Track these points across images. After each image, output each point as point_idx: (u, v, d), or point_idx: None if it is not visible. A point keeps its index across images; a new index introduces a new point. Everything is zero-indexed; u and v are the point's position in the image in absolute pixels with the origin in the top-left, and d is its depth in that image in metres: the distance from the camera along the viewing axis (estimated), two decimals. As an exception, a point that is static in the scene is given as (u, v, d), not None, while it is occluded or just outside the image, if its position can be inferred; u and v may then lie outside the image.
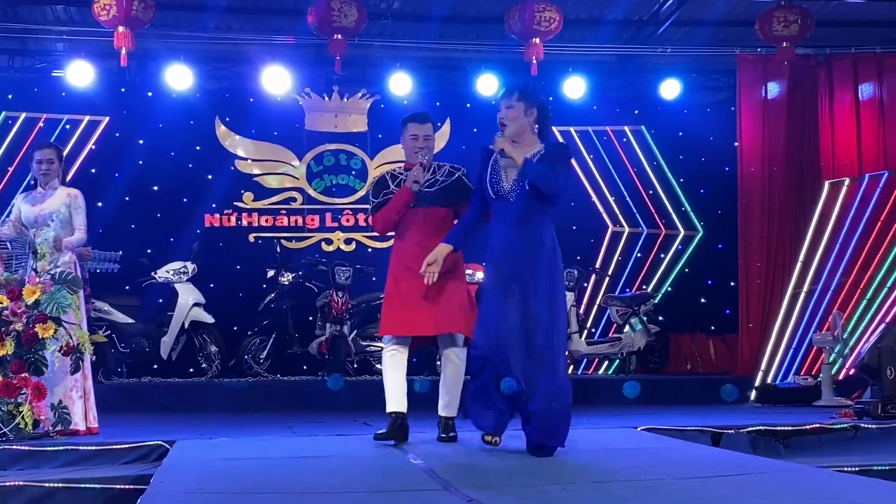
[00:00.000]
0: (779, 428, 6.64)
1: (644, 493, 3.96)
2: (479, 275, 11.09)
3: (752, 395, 10.06)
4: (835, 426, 6.79)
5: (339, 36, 10.00)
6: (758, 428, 6.61)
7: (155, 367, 10.79)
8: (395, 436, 5.79)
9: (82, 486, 5.55)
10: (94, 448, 6.07)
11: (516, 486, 4.22)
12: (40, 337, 6.45)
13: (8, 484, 5.44)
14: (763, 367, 10.31)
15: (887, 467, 5.99)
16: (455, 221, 5.98)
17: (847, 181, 10.47)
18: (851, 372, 9.52)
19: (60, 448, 6.08)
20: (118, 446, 6.08)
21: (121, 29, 9.54)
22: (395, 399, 5.90)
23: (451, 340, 5.93)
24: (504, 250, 5.31)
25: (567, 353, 11.05)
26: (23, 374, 6.42)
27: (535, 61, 10.35)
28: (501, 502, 3.82)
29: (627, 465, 4.84)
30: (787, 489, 4.10)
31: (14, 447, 6.06)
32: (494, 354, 5.18)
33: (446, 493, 4.07)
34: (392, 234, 6.13)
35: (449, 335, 5.91)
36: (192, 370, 10.85)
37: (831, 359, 9.51)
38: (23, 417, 6.38)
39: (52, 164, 7.18)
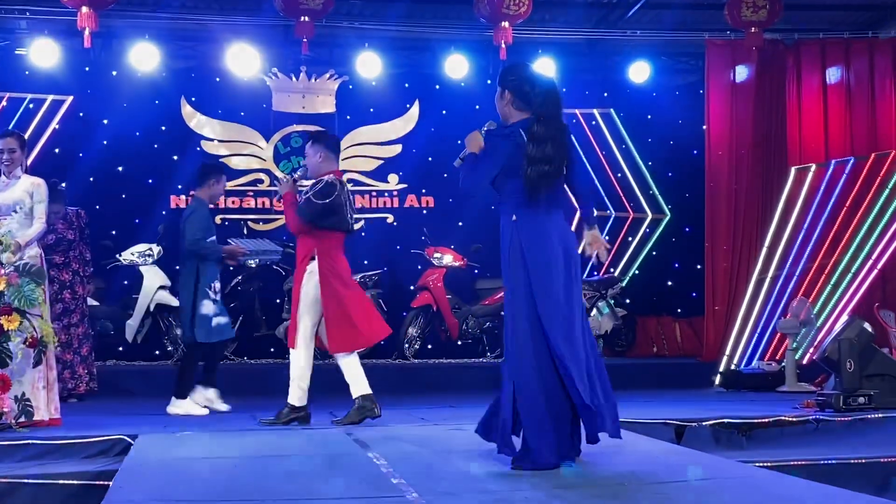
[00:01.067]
0: (741, 421, 6.69)
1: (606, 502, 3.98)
2: (448, 258, 11.15)
3: (717, 379, 10.13)
4: (797, 419, 6.84)
5: (306, 18, 9.91)
6: (721, 421, 6.65)
7: (120, 349, 10.73)
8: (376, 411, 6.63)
9: (43, 481, 5.52)
10: (56, 442, 6.02)
11: (475, 494, 4.23)
12: (5, 329, 6.39)
13: (-33, 480, 5.40)
14: (728, 351, 10.38)
15: (851, 460, 6.08)
16: None
17: (813, 167, 10.52)
18: (815, 358, 9.61)
19: (22, 442, 6.02)
20: (80, 440, 6.03)
21: (84, 10, 9.40)
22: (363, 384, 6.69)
23: None
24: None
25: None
26: (-14, 366, 6.36)
27: (503, 45, 10.30)
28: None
29: (588, 468, 4.83)
30: (746, 498, 4.14)
31: (-26, 441, 6.01)
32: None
33: (406, 500, 4.07)
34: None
35: None
36: (157, 353, 10.79)
37: (794, 345, 9.60)
38: (-16, 410, 6.33)
39: (14, 153, 7.06)
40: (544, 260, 4.91)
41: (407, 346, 10.87)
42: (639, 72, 11.94)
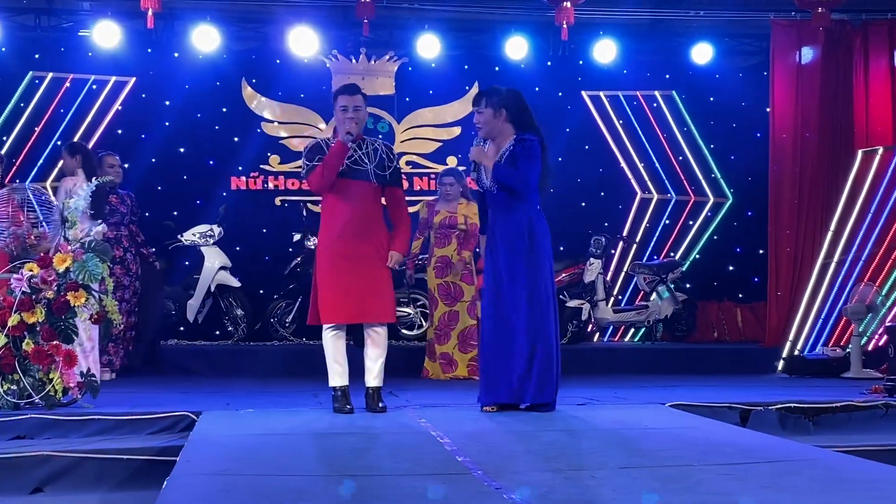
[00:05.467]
0: (808, 405, 6.57)
1: (672, 484, 3.92)
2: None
3: (780, 365, 9.98)
4: (865, 404, 6.71)
5: (367, -1, 9.89)
6: (787, 405, 6.54)
7: (181, 329, 10.84)
8: (348, 407, 6.19)
9: (108, 456, 5.57)
10: (121, 418, 6.06)
11: (544, 472, 4.20)
12: (71, 305, 6.46)
13: (34, 453, 5.46)
14: (791, 337, 10.23)
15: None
16: (383, 202, 6.38)
17: (880, 150, 10.31)
18: (881, 343, 9.44)
19: (88, 417, 6.08)
20: (145, 416, 6.08)
21: (147, -10, 9.46)
22: (340, 374, 6.28)
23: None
24: (493, 232, 6.27)
25: (593, 320, 11.07)
26: (54, 342, 6.43)
27: (565, 25, 10.22)
28: (530, 491, 3.79)
29: (655, 448, 4.81)
30: (817, 481, 4.06)
31: (42, 416, 6.08)
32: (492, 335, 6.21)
33: (473, 478, 4.05)
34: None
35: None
36: (217, 333, 10.89)
37: (860, 330, 9.43)
38: (53, 385, 6.40)
39: None
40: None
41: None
42: (701, 53, 11.78)
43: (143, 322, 9.27)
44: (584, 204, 11.82)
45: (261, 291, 11.25)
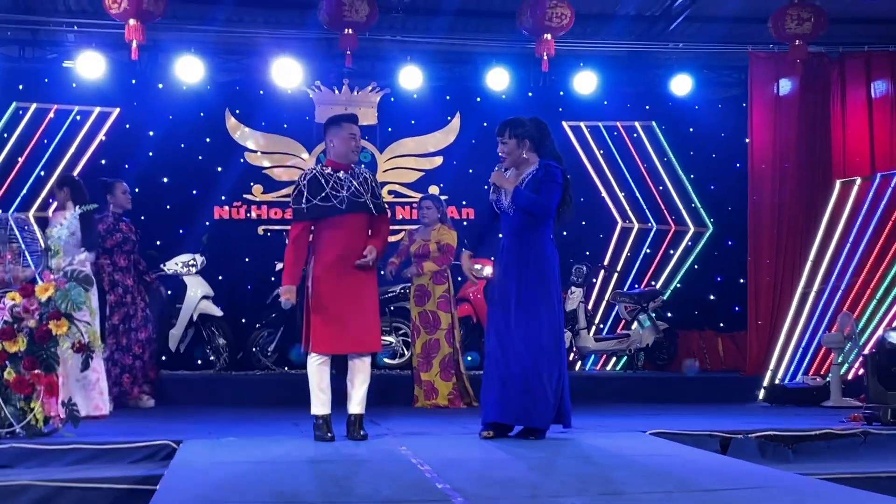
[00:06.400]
0: (788, 433, 6.62)
1: (652, 509, 3.95)
2: (488, 269, 11.13)
3: (761, 394, 10.04)
4: (844, 432, 6.77)
5: (350, 31, 9.97)
6: (767, 433, 6.59)
7: (163, 358, 10.81)
8: (329, 435, 6.20)
9: (89, 485, 5.56)
10: (101, 447, 6.05)
11: (524, 499, 4.22)
12: (53, 334, 6.46)
13: (14, 483, 5.44)
14: (772, 366, 10.28)
15: (897, 474, 5.99)
16: (369, 230, 6.37)
17: (858, 180, 10.42)
18: (860, 372, 9.50)
19: (68, 447, 6.06)
20: (126, 445, 6.08)
21: (132, 22, 9.50)
22: (324, 403, 6.29)
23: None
24: (506, 255, 6.34)
25: (574, 349, 11.10)
26: (35, 371, 6.42)
27: (546, 57, 10.30)
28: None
29: (637, 475, 4.83)
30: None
31: (22, 445, 6.06)
32: (497, 356, 6.23)
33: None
34: None
35: None
36: (199, 362, 10.87)
37: (840, 359, 9.49)
38: (34, 414, 6.39)
39: None
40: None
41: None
42: (681, 84, 11.92)
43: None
44: (565, 233, 11.83)
45: (243, 320, 11.26)
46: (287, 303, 6.37)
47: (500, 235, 6.50)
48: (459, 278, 11.28)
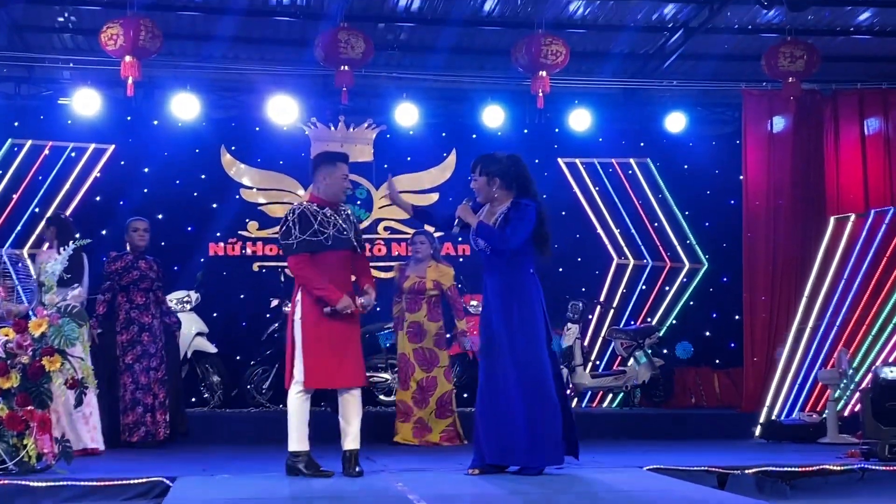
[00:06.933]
0: (785, 469, 6.59)
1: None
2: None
3: (758, 430, 10.00)
4: (842, 468, 6.73)
5: (346, 67, 10.00)
6: (764, 469, 6.55)
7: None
8: (322, 470, 6.23)
9: (83, 523, 5.53)
10: (95, 484, 6.00)
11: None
12: (46, 370, 6.43)
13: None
14: (768, 402, 10.24)
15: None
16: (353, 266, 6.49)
17: (852, 217, 10.45)
18: (856, 409, 9.47)
19: (61, 483, 6.02)
20: (119, 482, 6.03)
21: (128, 59, 9.51)
22: (307, 437, 6.29)
23: None
24: (489, 294, 6.37)
25: (570, 385, 11.06)
26: (28, 407, 6.39)
27: (541, 94, 10.35)
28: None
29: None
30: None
31: (15, 482, 6.01)
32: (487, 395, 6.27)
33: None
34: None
35: None
36: (194, 399, 10.80)
37: (836, 395, 9.47)
38: (27, 451, 6.34)
39: None
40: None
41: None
42: (675, 122, 11.97)
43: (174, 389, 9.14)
44: (560, 269, 11.86)
45: (237, 357, 11.22)
46: (347, 308, 6.24)
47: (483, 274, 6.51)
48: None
